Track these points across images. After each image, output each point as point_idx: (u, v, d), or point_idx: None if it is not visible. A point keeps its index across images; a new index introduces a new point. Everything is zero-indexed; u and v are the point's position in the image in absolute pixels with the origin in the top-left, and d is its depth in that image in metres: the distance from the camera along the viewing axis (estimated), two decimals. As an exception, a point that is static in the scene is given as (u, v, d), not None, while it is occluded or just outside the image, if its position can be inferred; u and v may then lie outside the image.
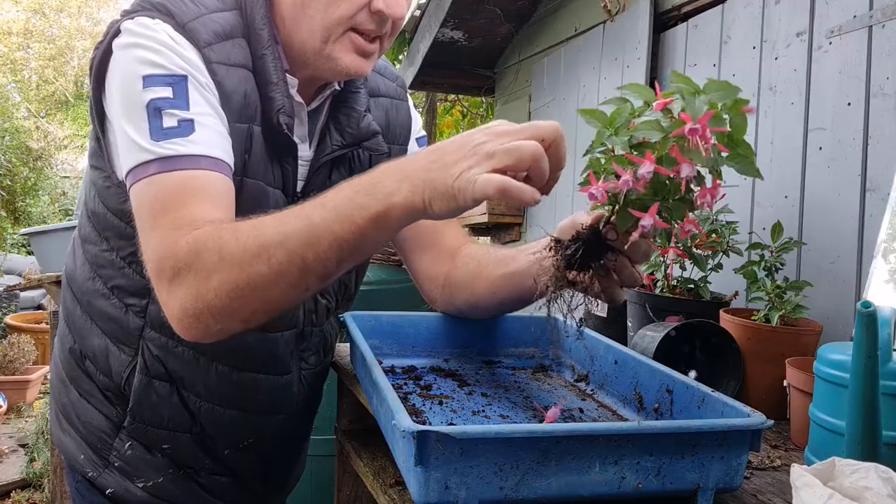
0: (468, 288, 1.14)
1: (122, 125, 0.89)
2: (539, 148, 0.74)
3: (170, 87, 0.88)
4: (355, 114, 1.09)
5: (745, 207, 1.75)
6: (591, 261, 0.85)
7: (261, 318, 0.84)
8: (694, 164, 0.74)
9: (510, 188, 0.72)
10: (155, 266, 0.83)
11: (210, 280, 0.79)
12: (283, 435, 1.19)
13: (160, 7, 0.92)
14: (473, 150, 0.75)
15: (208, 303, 0.79)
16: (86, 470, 1.08)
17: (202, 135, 0.88)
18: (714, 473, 0.78)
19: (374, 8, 0.95)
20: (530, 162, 0.74)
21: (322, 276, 0.81)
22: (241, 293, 0.79)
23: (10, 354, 4.70)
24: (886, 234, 1.12)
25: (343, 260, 0.80)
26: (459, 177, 0.73)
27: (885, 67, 1.42)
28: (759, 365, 1.23)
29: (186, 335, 0.83)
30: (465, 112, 5.37)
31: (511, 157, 0.73)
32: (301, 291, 0.82)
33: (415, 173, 0.76)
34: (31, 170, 9.50)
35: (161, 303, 0.84)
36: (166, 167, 0.86)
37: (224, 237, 0.80)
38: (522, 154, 0.73)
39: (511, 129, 0.76)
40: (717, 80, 0.77)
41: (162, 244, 0.82)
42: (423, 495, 0.70)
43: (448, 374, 1.15)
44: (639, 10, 2.27)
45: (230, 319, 0.81)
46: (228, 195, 0.90)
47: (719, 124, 0.76)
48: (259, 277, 0.78)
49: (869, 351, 0.75)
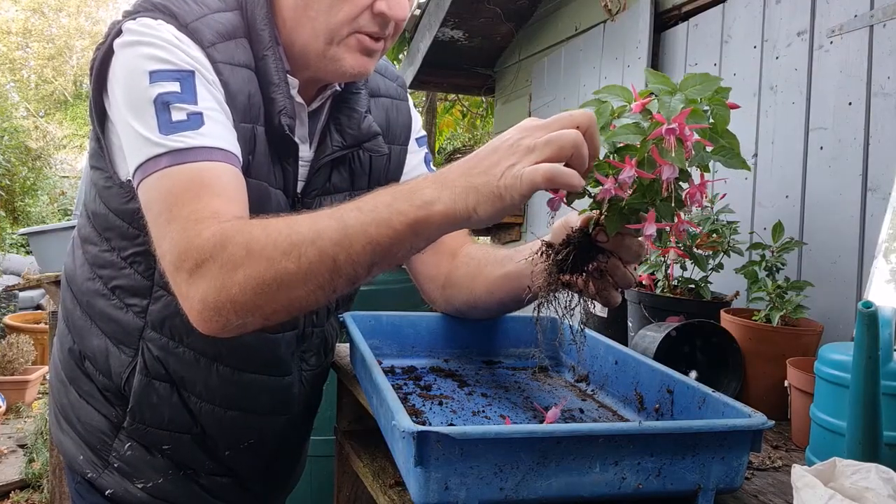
0: (468, 288, 1.14)
1: (129, 122, 0.87)
2: (578, 135, 0.74)
3: (177, 82, 0.87)
4: (356, 115, 1.09)
5: (745, 207, 1.75)
6: (582, 264, 0.85)
7: (282, 317, 0.82)
8: (675, 166, 0.74)
9: (558, 174, 0.72)
10: (175, 258, 0.81)
11: (235, 273, 0.77)
12: (283, 436, 1.19)
13: (162, 7, 0.92)
14: (511, 148, 0.75)
15: (231, 296, 0.78)
16: (85, 470, 1.08)
17: (212, 128, 0.87)
18: (715, 474, 0.78)
19: (377, 10, 0.94)
20: (571, 149, 0.74)
21: (351, 278, 0.79)
22: (266, 289, 0.77)
23: (8, 355, 4.69)
24: (887, 234, 1.12)
25: (375, 264, 0.79)
26: (504, 175, 0.73)
27: (886, 67, 1.42)
28: (760, 365, 1.23)
29: (204, 328, 0.81)
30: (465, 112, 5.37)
31: (552, 148, 0.73)
32: (328, 293, 0.80)
33: (455, 181, 0.76)
34: (29, 169, 9.49)
35: (179, 295, 0.82)
36: (178, 160, 0.84)
37: (253, 232, 0.78)
38: (563, 143, 0.73)
39: (545, 123, 0.76)
40: (695, 73, 0.77)
41: (183, 235, 0.80)
42: (423, 496, 0.70)
43: (448, 375, 1.15)
44: (639, 9, 2.27)
45: (251, 315, 0.79)
46: (241, 188, 0.88)
47: (699, 120, 0.75)
48: (287, 275, 0.77)
49: (870, 351, 0.75)
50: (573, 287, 0.87)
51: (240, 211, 0.85)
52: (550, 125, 0.76)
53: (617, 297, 0.89)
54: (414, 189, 0.77)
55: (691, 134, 0.74)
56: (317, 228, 0.78)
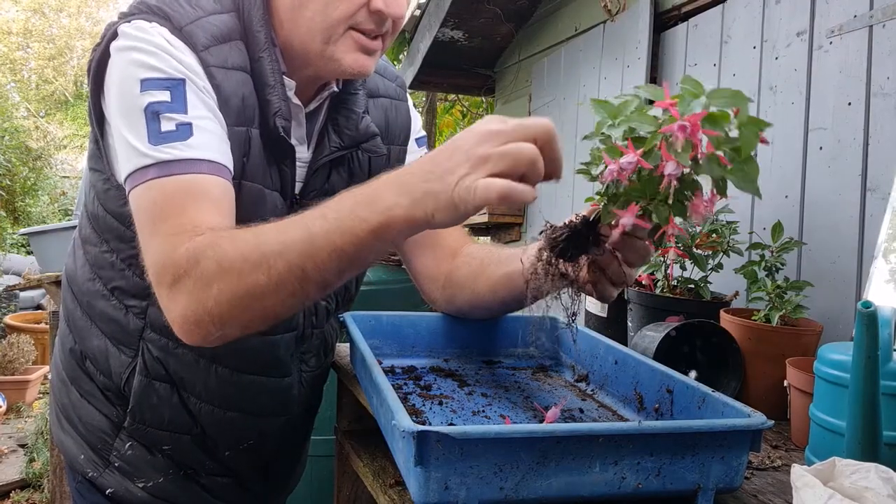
0: (470, 287, 1.14)
1: (121, 129, 0.89)
2: (534, 150, 0.74)
3: (167, 91, 0.88)
4: (354, 115, 1.09)
5: (745, 207, 1.75)
6: (575, 248, 0.84)
7: (260, 326, 0.84)
8: (680, 164, 0.73)
9: (511, 193, 0.72)
10: (155, 272, 0.84)
11: (210, 288, 0.79)
12: (283, 436, 1.19)
13: (157, 10, 0.92)
14: (466, 155, 0.74)
15: (208, 310, 0.80)
16: (86, 470, 1.08)
17: (201, 138, 0.88)
18: (714, 474, 0.78)
19: (374, 7, 0.94)
20: (526, 165, 0.73)
21: (322, 285, 0.81)
22: (240, 302, 0.79)
23: (9, 354, 4.69)
24: (887, 234, 1.12)
25: (343, 271, 0.80)
26: (457, 185, 0.73)
27: (885, 67, 1.42)
28: (760, 365, 1.23)
29: (188, 340, 0.84)
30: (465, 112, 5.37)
31: (506, 162, 0.73)
32: (301, 300, 0.82)
33: (414, 186, 0.76)
34: (30, 170, 9.49)
35: (163, 308, 0.84)
36: (165, 171, 0.85)
37: (223, 245, 0.80)
38: (518, 158, 0.73)
39: (502, 130, 0.75)
40: (727, 88, 0.76)
41: (161, 250, 0.83)
42: (423, 496, 0.70)
43: (448, 375, 1.15)
44: (639, 9, 2.27)
45: (230, 326, 0.82)
46: (228, 199, 0.89)
47: (715, 127, 0.75)
48: (258, 287, 0.79)
49: (869, 351, 0.75)
50: (566, 276, 0.86)
51: (223, 222, 0.86)
52: (509, 134, 0.74)
53: (612, 292, 0.88)
54: (374, 195, 0.78)
55: (702, 138, 0.73)
56: (283, 240, 0.79)
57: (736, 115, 0.75)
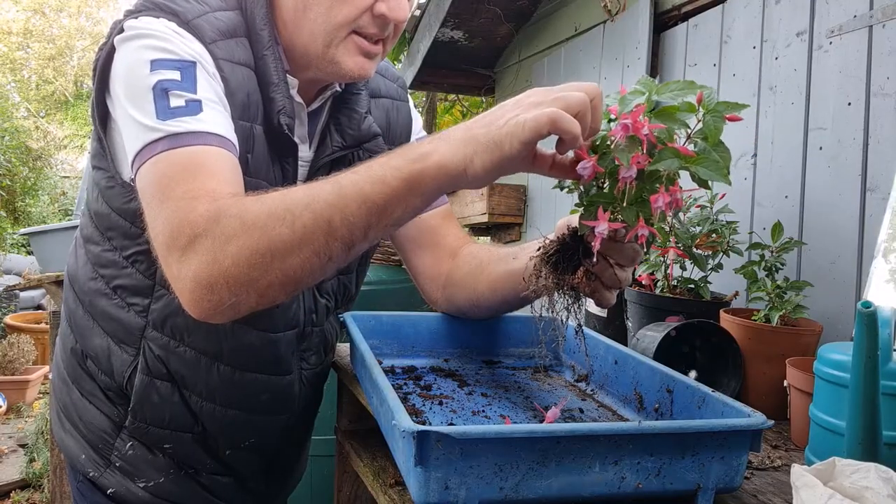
0: (470, 286, 1.14)
1: (128, 111, 0.87)
2: (584, 97, 0.75)
3: (178, 71, 0.87)
4: (356, 115, 1.09)
5: (745, 207, 1.75)
6: (567, 262, 0.85)
7: (277, 293, 0.79)
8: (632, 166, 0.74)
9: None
10: (167, 237, 0.79)
11: (228, 245, 0.75)
12: (284, 435, 1.19)
13: (164, 6, 0.92)
14: (517, 103, 0.76)
15: (224, 270, 0.75)
16: (87, 470, 1.09)
17: (210, 115, 0.87)
18: (714, 474, 0.78)
19: (377, 12, 0.95)
20: (578, 107, 0.74)
21: (348, 242, 0.78)
22: (260, 259, 0.75)
23: (9, 354, 4.70)
24: (887, 234, 1.12)
25: (371, 226, 0.77)
26: (506, 123, 0.74)
27: (885, 67, 1.42)
28: (760, 365, 1.23)
29: (197, 310, 0.79)
30: (465, 112, 5.37)
31: (559, 103, 0.74)
32: (323, 261, 0.78)
33: (453, 133, 0.76)
34: (30, 170, 9.50)
35: (171, 277, 0.80)
36: (175, 143, 0.83)
37: (247, 204, 0.77)
38: (570, 101, 0.74)
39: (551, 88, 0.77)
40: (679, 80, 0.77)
41: (177, 213, 0.78)
42: (423, 495, 0.70)
43: (448, 374, 1.15)
44: (639, 9, 2.27)
45: (245, 291, 0.77)
46: (238, 173, 0.87)
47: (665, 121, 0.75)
48: (281, 241, 0.75)
49: (869, 351, 0.75)
50: (564, 286, 0.87)
51: (236, 192, 0.84)
52: (561, 88, 0.76)
53: (610, 297, 0.89)
54: (411, 146, 0.78)
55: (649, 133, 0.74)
56: (311, 192, 0.77)
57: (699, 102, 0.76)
